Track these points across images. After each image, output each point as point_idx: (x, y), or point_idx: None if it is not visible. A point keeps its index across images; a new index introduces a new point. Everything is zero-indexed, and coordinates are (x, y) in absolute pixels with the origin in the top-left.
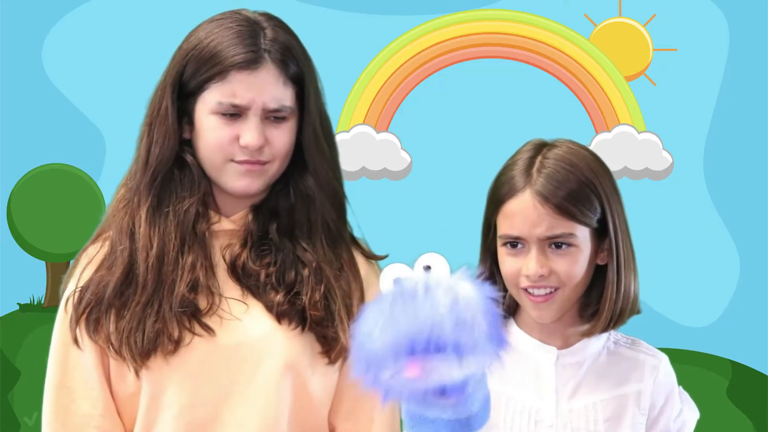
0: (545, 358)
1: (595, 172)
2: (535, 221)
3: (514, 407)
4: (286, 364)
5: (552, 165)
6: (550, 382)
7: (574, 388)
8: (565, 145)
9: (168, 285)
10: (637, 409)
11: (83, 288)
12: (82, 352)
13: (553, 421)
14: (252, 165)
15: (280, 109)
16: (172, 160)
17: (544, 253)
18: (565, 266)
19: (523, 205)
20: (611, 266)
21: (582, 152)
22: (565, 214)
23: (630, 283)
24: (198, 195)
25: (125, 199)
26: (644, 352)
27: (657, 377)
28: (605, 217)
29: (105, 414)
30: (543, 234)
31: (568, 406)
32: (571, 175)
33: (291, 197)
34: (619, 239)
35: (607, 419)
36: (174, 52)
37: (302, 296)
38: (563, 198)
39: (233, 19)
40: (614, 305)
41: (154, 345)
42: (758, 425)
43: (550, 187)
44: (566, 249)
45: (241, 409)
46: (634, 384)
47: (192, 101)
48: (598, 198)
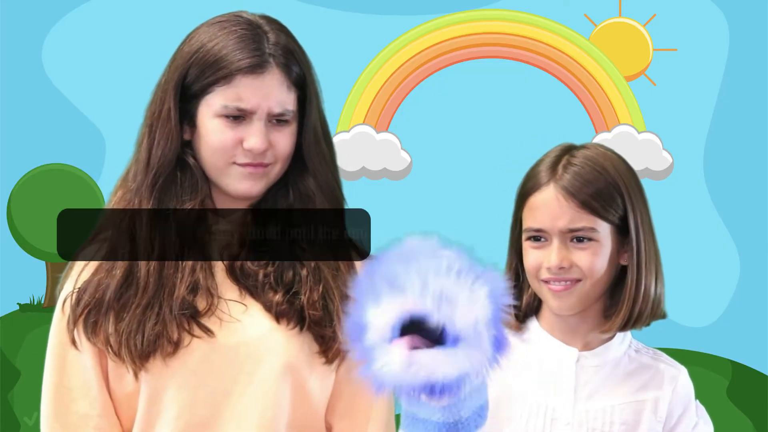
0: (566, 358)
1: (621, 174)
2: (557, 214)
3: (531, 403)
4: (285, 364)
5: (579, 163)
6: (570, 382)
7: (593, 390)
8: (594, 148)
9: (168, 287)
10: (654, 416)
11: (81, 289)
12: (79, 353)
13: (569, 419)
14: (255, 168)
15: (283, 113)
16: (174, 162)
17: (565, 247)
18: (586, 260)
19: (547, 199)
20: (631, 266)
21: (610, 155)
22: (588, 208)
23: (650, 285)
24: (199, 197)
25: (124, 200)
26: (665, 363)
27: (676, 387)
28: (627, 216)
29: (103, 414)
30: (565, 227)
31: (585, 406)
32: (597, 174)
33: (290, 198)
34: (641, 240)
35: (623, 423)
36: (174, 53)
37: (301, 296)
38: (588, 194)
39: (236, 23)
40: (632, 305)
41: (153, 347)
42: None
43: (576, 183)
44: (587, 243)
45: (240, 409)
46: (653, 391)
47: (194, 104)
48: (622, 198)
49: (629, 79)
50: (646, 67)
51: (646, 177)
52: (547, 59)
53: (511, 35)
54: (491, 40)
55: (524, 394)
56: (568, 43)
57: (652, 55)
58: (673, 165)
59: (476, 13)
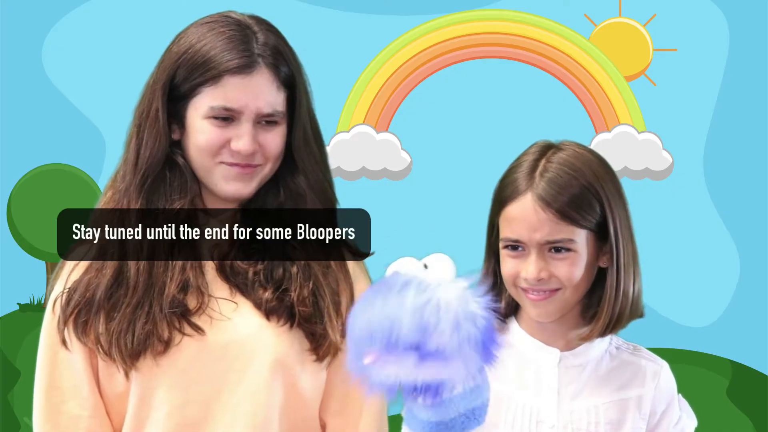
0: (547, 359)
1: (598, 176)
2: (535, 225)
3: (515, 407)
4: (275, 361)
5: (554, 169)
6: (552, 383)
7: (577, 391)
8: (570, 148)
9: (158, 287)
10: (638, 413)
11: (71, 289)
12: (70, 354)
13: (554, 421)
14: (243, 168)
15: (272, 114)
16: (163, 162)
17: (543, 258)
18: (564, 270)
19: (525, 209)
20: (611, 270)
21: (587, 156)
22: (566, 218)
23: (629, 286)
24: (188, 196)
25: (113, 200)
26: (645, 358)
27: (658, 383)
28: (606, 219)
29: (93, 414)
30: (543, 239)
31: (570, 407)
32: (573, 179)
33: (280, 196)
34: (620, 243)
35: (608, 422)
36: (162, 53)
37: (290, 293)
38: (564, 203)
39: (224, 23)
40: (612, 309)
41: (144, 346)
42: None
43: (551, 191)
44: (565, 254)
45: (231, 407)
46: (636, 389)
47: (183, 104)
48: (600, 202)
49: (629, 79)
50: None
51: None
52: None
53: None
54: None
55: (508, 398)
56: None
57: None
58: (673, 165)
59: (476, 13)
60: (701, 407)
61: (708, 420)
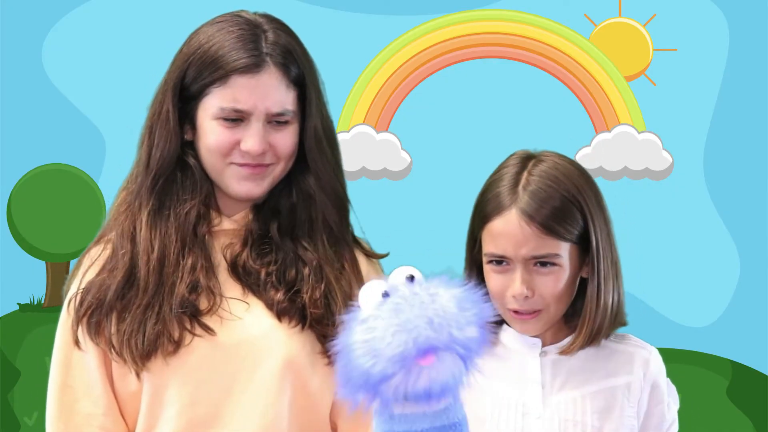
0: (531, 352)
1: (579, 188)
2: (520, 241)
3: (500, 401)
4: (286, 362)
5: (536, 182)
6: (536, 376)
7: (563, 381)
8: (551, 159)
9: (168, 287)
10: (627, 401)
11: (85, 290)
12: (83, 353)
13: (540, 413)
14: (253, 168)
15: (282, 113)
16: (174, 163)
17: (528, 272)
18: (549, 287)
19: (509, 225)
20: (591, 281)
21: (567, 167)
22: (551, 233)
23: (609, 298)
24: (200, 197)
25: (126, 202)
26: (634, 344)
27: (648, 369)
28: (587, 230)
29: (107, 413)
30: (529, 254)
31: (557, 398)
32: (555, 192)
33: (293, 196)
34: (601, 256)
35: (596, 411)
36: (175, 54)
37: (302, 294)
38: (548, 216)
39: (234, 22)
40: (593, 322)
41: (154, 346)
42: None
43: (534, 205)
44: (551, 268)
45: (241, 406)
46: (624, 376)
47: (194, 105)
48: (581, 212)
49: (629, 79)
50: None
51: (646, 177)
52: (547, 59)
53: (511, 35)
54: (491, 40)
55: (493, 392)
56: (568, 43)
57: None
58: (673, 165)
59: (476, 13)
60: (701, 407)
61: (708, 420)
